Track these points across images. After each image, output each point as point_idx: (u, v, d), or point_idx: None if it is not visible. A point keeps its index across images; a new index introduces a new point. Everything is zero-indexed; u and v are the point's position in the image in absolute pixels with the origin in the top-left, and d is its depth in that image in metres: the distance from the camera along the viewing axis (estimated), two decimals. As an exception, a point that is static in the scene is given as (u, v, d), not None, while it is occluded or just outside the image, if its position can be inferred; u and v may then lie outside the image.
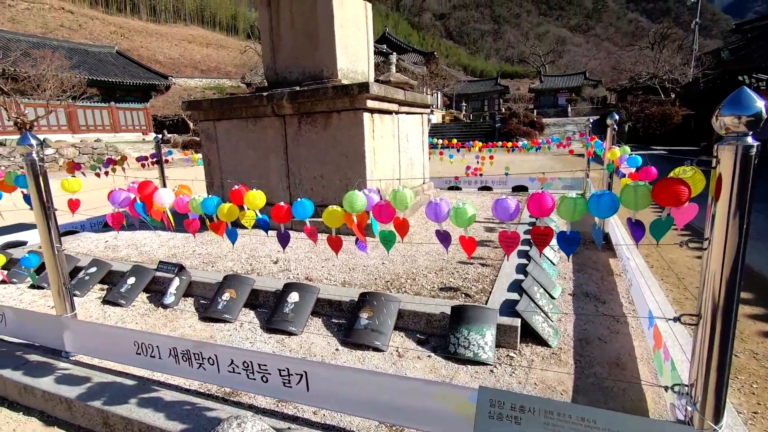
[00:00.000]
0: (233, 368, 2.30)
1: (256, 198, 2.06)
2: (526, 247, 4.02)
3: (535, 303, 2.89)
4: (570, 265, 4.16)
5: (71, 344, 2.81)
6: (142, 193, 2.17)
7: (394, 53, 40.72)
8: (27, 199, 2.83)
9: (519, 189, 7.92)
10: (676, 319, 1.59)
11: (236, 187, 2.09)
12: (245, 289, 3.40)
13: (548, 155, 21.78)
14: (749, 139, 1.30)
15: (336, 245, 2.01)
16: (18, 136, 21.06)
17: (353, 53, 5.43)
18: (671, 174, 1.45)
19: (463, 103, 61.44)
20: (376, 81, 6.73)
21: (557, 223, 5.04)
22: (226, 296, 3.34)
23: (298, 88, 4.93)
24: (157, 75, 35.58)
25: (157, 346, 2.48)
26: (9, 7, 55.19)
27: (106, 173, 6.65)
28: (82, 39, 45.27)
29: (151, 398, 2.35)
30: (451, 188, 8.39)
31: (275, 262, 4.02)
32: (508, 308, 2.84)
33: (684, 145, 26.70)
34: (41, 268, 4.00)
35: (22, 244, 5.31)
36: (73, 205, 2.83)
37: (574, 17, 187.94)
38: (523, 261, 3.76)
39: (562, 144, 8.44)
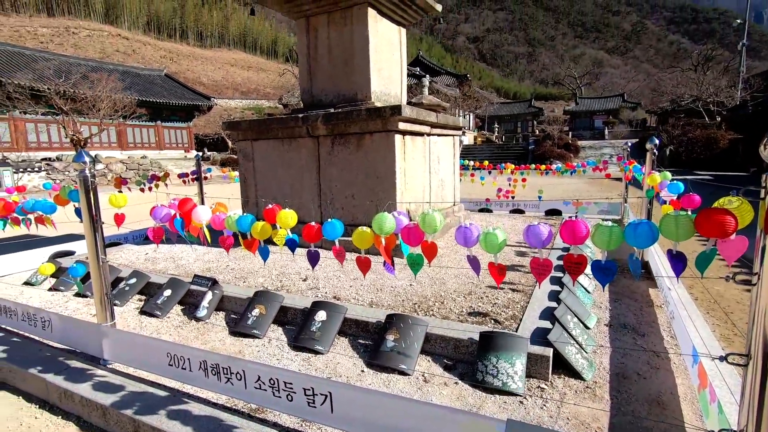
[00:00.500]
0: (260, 384, 2.33)
1: (288, 217, 2.11)
2: (559, 273, 3.90)
3: (568, 332, 2.78)
4: (606, 293, 3.99)
5: (109, 352, 2.93)
6: (182, 210, 2.28)
7: (427, 75, 41.26)
8: (78, 212, 3.01)
9: (552, 213, 7.73)
10: (723, 358, 1.49)
11: (270, 206, 2.15)
12: (274, 305, 3.45)
13: (583, 179, 21.20)
14: (801, 170, 1.23)
15: (365, 266, 2.02)
16: (73, 152, 22.51)
17: (387, 76, 5.55)
18: (716, 204, 1.39)
19: (496, 125, 61.16)
20: (409, 103, 6.83)
21: (592, 249, 4.87)
22: (255, 312, 3.40)
23: (332, 110, 5.07)
24: (201, 96, 37.50)
25: (189, 359, 2.55)
26: (73, 34, 60.06)
27: (150, 188, 7.00)
28: (134, 63, 48.51)
29: (180, 410, 2.40)
30: (481, 210, 8.29)
31: (304, 280, 4.07)
32: (540, 337, 2.75)
33: (731, 170, 25.38)
34: (86, 278, 4.22)
35: (71, 253, 5.63)
36: (119, 219, 2.99)
37: (612, 39, 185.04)
38: (556, 288, 3.64)
39: (598, 168, 8.21)
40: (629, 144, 9.50)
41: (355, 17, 5.15)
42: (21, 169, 20.84)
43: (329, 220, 2.07)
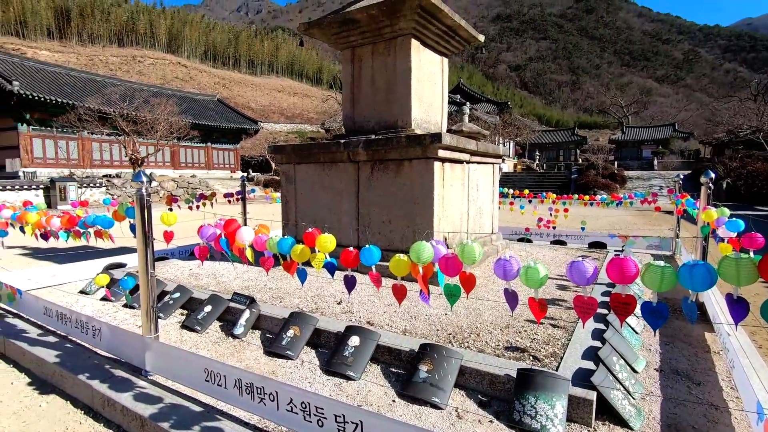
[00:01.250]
0: (291, 407, 2.33)
1: (327, 242, 2.15)
2: (604, 311, 3.70)
3: (613, 375, 2.62)
4: (656, 335, 3.73)
5: (151, 364, 3.04)
6: (227, 230, 2.38)
7: (468, 103, 41.44)
8: (132, 228, 3.20)
9: (596, 246, 7.40)
10: (794, 418, 1.35)
11: (310, 230, 2.20)
12: (309, 327, 3.48)
13: (630, 211, 20.24)
14: None
15: (400, 294, 2.01)
16: (130, 170, 24.09)
17: (427, 105, 5.63)
18: (781, 247, 1.28)
19: (537, 153, 60.12)
20: (449, 131, 6.87)
21: (640, 287, 4.60)
22: (290, 333, 3.44)
23: (373, 137, 5.18)
24: (249, 120, 39.45)
25: (225, 376, 2.60)
26: (138, 62, 65.42)
27: (197, 207, 7.36)
28: (191, 89, 51.94)
29: (213, 427, 2.44)
30: (521, 240, 8.07)
31: (339, 303, 4.09)
32: (582, 378, 2.60)
33: (798, 206, 23.44)
34: (135, 290, 4.44)
35: (122, 266, 5.96)
36: (168, 236, 3.14)
37: (662, 68, 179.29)
38: (601, 326, 3.45)
39: (646, 200, 7.83)
40: (681, 176, 9.04)
41: (399, 48, 5.31)
42: (84, 184, 22.51)
43: (367, 245, 2.08)
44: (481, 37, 6.12)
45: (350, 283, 2.22)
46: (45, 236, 4.05)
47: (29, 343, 3.78)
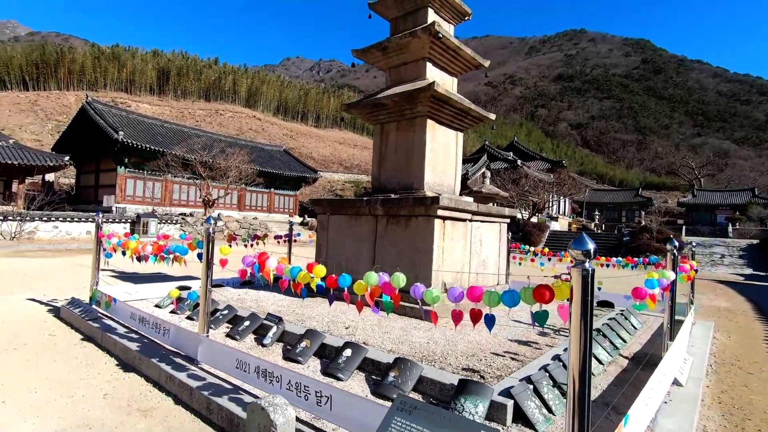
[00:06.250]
0: (289, 386, 3.35)
1: (320, 270, 3.25)
2: (560, 351, 4.37)
3: (538, 393, 3.35)
4: (610, 378, 4.31)
5: (201, 355, 4.20)
6: (260, 260, 3.55)
7: (519, 160, 42.08)
8: (200, 256, 4.50)
9: (604, 304, 7.79)
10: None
11: (312, 262, 3.31)
12: (317, 341, 4.50)
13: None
14: None
15: (360, 307, 3.02)
16: (201, 210, 27.04)
17: (441, 171, 6.74)
18: None
19: (596, 212, 58.37)
20: (470, 191, 7.87)
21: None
22: (303, 344, 4.48)
23: (392, 196, 6.34)
24: (309, 170, 42.84)
25: (249, 363, 3.69)
26: (220, 115, 73.77)
27: (252, 245, 8.81)
28: (262, 139, 57.51)
29: (236, 397, 3.50)
30: (534, 294, 8.61)
31: (347, 328, 5.09)
32: (509, 393, 3.36)
33: None
34: (195, 307, 5.75)
35: (187, 288, 7.38)
36: (223, 263, 4.40)
37: (740, 129, 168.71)
38: (552, 362, 4.14)
39: (660, 264, 8.14)
40: (694, 243, 9.17)
41: (417, 125, 6.56)
42: (163, 221, 25.69)
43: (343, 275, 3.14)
44: (492, 116, 7.24)
45: (332, 299, 3.25)
46: (139, 259, 5.51)
47: (119, 336, 5.13)
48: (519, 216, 36.04)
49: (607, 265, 8.93)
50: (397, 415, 2.26)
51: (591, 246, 1.99)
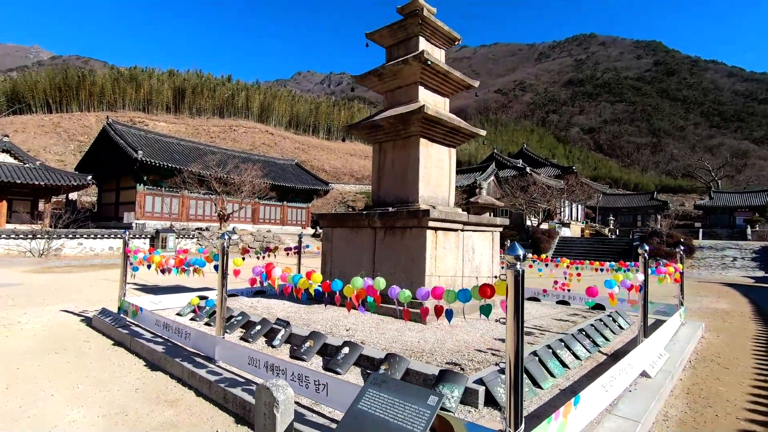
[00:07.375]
0: (293, 377, 3.91)
1: (318, 277, 3.82)
2: (539, 348, 4.85)
3: (508, 382, 3.84)
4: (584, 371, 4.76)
5: (218, 354, 4.80)
6: (267, 269, 4.14)
7: (528, 167, 42.30)
8: (216, 267, 5.12)
9: (597, 307, 8.17)
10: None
11: (310, 269, 3.89)
12: (320, 341, 5.05)
13: (654, 278, 19.44)
14: None
15: (349, 307, 3.57)
16: (217, 224, 28.00)
17: (435, 185, 7.30)
18: None
19: (611, 217, 57.93)
20: (468, 202, 8.39)
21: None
22: (307, 344, 5.04)
23: (390, 209, 6.91)
24: (321, 182, 43.76)
25: (258, 359, 4.27)
26: (233, 131, 75.73)
27: (264, 257, 9.45)
28: (274, 153, 58.88)
29: (248, 388, 4.08)
30: (529, 299, 9.03)
31: (347, 330, 5.63)
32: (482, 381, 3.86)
33: None
34: (212, 314, 6.37)
35: (205, 298, 8.04)
36: (236, 273, 5.01)
37: (759, 129, 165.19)
38: (530, 357, 4.61)
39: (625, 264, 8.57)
40: (647, 246, 9.48)
41: (411, 144, 7.14)
42: (181, 236, 26.69)
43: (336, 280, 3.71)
44: (483, 132, 7.79)
45: (327, 301, 3.81)
46: (163, 271, 6.17)
47: (145, 341, 5.77)
48: (528, 223, 36.19)
49: (601, 270, 9.30)
50: (370, 388, 2.79)
51: (521, 252, 2.52)
